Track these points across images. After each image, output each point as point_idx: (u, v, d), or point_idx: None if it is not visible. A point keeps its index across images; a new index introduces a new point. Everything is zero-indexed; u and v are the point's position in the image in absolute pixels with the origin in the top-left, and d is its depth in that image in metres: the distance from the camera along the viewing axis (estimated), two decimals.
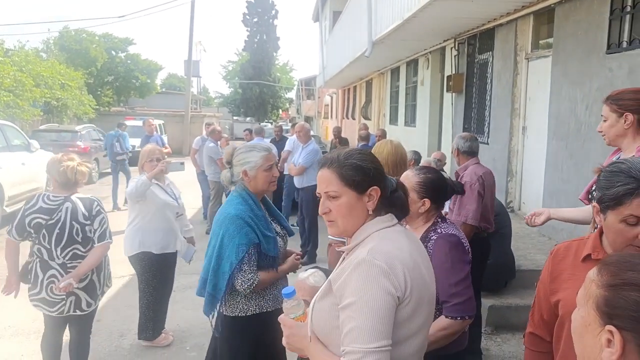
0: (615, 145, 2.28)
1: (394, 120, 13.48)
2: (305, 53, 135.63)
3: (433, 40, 9.09)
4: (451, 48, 8.75)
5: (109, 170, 15.09)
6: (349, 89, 21.27)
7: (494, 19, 6.94)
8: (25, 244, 3.00)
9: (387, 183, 1.45)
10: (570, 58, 5.28)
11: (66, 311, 2.98)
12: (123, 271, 5.10)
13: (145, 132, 9.67)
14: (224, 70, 50.07)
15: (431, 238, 1.99)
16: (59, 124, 16.51)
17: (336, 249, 2.47)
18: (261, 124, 18.65)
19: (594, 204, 1.45)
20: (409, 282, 1.29)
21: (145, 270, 3.77)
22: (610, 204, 1.37)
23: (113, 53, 28.74)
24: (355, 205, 1.38)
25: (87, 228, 2.96)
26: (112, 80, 28.60)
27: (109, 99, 27.37)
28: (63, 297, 2.93)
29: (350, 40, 11.92)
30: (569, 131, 5.26)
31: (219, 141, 8.30)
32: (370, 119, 15.95)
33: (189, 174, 8.76)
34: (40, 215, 2.87)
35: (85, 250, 2.98)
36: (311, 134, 6.91)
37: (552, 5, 5.62)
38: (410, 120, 12.01)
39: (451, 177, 2.55)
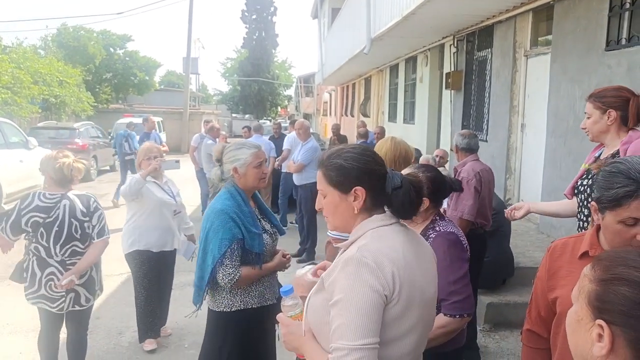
0: (599, 141, 2.35)
1: (392, 117, 13.47)
2: (304, 50, 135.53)
3: (432, 37, 9.08)
4: (450, 45, 8.74)
5: (108, 168, 15.26)
6: (347, 86, 21.25)
7: (493, 16, 6.93)
8: (18, 242, 2.98)
9: (378, 182, 1.39)
10: (569, 55, 5.27)
11: (66, 307, 2.98)
12: (122, 269, 5.09)
13: (144, 130, 9.67)
14: (223, 67, 50.03)
15: (430, 236, 1.99)
16: (57, 122, 16.43)
17: (334, 245, 2.48)
18: (260, 121, 18.61)
19: (592, 203, 1.45)
20: (397, 282, 1.27)
21: (137, 269, 3.75)
22: (608, 205, 1.36)
23: (111, 50, 28.60)
24: (339, 204, 1.40)
25: (86, 224, 2.96)
26: (111, 77, 28.49)
27: (107, 96, 27.29)
28: (63, 294, 2.94)
29: (349, 37, 11.90)
30: (568, 128, 5.26)
31: (218, 138, 8.30)
32: (369, 116, 15.94)
33: (187, 171, 8.75)
34: (37, 213, 2.86)
35: (84, 247, 2.98)
36: (310, 131, 6.92)
37: (551, 2, 5.61)
38: (409, 117, 12.01)
39: (451, 174, 2.55)
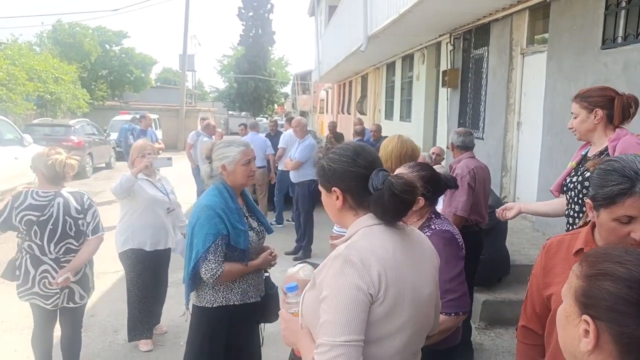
0: (586, 140, 2.39)
1: (389, 115, 13.47)
2: (301, 47, 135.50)
3: (429, 35, 9.08)
4: (447, 43, 8.74)
5: (103, 165, 15.21)
6: (344, 84, 21.24)
7: (490, 14, 6.94)
8: (11, 240, 2.95)
9: (357, 183, 1.37)
10: (565, 53, 5.28)
11: (60, 304, 2.97)
12: (117, 267, 5.06)
13: (141, 127, 9.64)
14: (219, 64, 49.92)
15: (425, 234, 1.98)
16: (53, 118, 16.31)
17: (330, 242, 2.47)
18: (256, 119, 18.60)
19: (587, 200, 1.45)
20: (383, 281, 1.26)
21: (130, 268, 3.72)
22: (603, 203, 1.37)
23: (107, 47, 28.47)
24: (327, 202, 1.47)
25: (80, 222, 2.95)
26: (106, 74, 28.38)
27: (103, 93, 27.17)
28: (57, 291, 2.93)
29: (346, 35, 11.89)
30: (564, 126, 5.22)
31: (214, 136, 8.28)
32: (365, 114, 15.93)
33: (184, 169, 8.73)
34: (30, 212, 2.84)
35: (78, 244, 2.97)
36: (307, 129, 6.91)
37: (548, 0, 5.62)
38: (406, 115, 12.01)
39: (448, 171, 2.54)
